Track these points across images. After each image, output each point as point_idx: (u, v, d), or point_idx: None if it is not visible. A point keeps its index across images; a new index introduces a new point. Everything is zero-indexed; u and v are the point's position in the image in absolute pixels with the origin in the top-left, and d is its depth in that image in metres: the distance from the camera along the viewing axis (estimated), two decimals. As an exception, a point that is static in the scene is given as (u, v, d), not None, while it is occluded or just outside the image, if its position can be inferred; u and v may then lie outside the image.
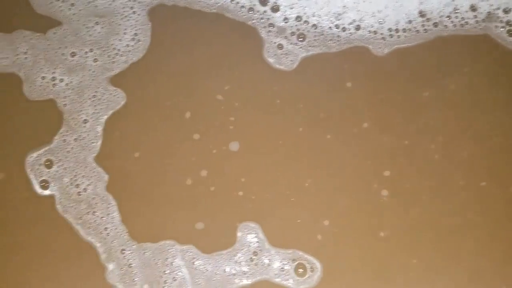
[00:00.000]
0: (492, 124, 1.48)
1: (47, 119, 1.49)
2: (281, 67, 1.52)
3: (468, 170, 1.46)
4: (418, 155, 1.47)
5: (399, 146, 1.47)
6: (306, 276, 1.41)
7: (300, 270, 1.40)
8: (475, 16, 1.54)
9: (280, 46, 1.53)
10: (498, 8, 1.54)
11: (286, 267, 1.40)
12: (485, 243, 1.42)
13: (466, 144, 1.47)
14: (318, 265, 1.41)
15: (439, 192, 1.45)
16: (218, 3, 1.55)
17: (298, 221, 1.44)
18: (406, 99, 1.50)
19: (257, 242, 1.42)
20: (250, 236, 1.44)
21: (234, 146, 1.49)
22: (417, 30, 1.53)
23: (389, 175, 1.46)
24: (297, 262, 1.40)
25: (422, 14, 1.53)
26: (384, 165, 1.47)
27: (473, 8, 1.53)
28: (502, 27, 1.53)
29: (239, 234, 1.44)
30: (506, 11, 1.54)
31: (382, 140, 1.47)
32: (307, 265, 1.40)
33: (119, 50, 1.52)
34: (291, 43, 1.53)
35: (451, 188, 1.45)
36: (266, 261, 1.41)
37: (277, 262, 1.41)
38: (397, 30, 1.53)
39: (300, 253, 1.42)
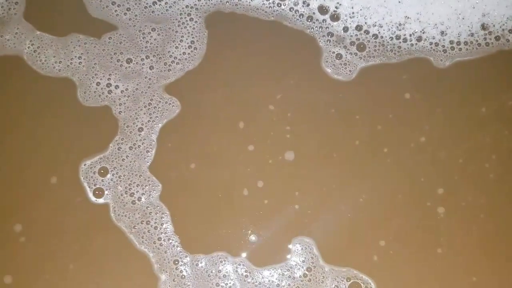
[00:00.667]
0: None
1: (102, 126, 1.48)
2: (339, 77, 1.50)
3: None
4: (472, 174, 1.45)
5: (453, 164, 1.45)
6: (361, 296, 1.36)
7: (355, 288, 1.35)
8: (538, 31, 1.48)
9: (339, 56, 1.50)
10: None
11: (340, 285, 1.38)
12: None
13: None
14: (373, 285, 1.39)
15: (497, 210, 1.42)
16: (277, 11, 1.52)
17: (354, 237, 1.42)
18: (464, 114, 1.48)
19: (311, 257, 1.40)
20: (304, 251, 1.41)
21: (289, 155, 1.45)
22: (479, 43, 1.50)
23: (442, 193, 1.43)
24: (352, 281, 1.38)
25: (484, 27, 1.50)
26: (438, 182, 1.44)
27: (536, 22, 1.49)
28: None
29: (293, 248, 1.42)
30: None
31: (438, 156, 1.46)
32: (362, 284, 1.38)
33: (175, 57, 1.51)
34: (350, 53, 1.51)
35: (508, 206, 1.42)
36: (320, 277, 1.39)
37: (331, 279, 1.39)
38: (458, 43, 1.50)
39: (355, 271, 1.40)
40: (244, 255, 1.43)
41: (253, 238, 1.43)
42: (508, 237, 1.41)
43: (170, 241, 1.42)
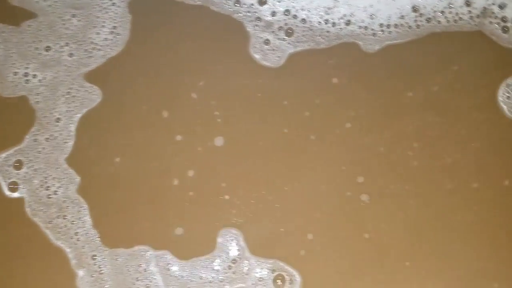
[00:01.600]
0: (471, 128, 1.42)
1: (18, 117, 1.43)
2: (268, 63, 1.45)
3: (454, 174, 1.39)
4: (395, 162, 1.41)
5: (375, 152, 1.41)
6: (284, 288, 1.32)
7: (279, 281, 1.34)
8: (470, 12, 1.46)
9: (267, 42, 1.46)
10: (493, 4, 1.46)
11: (265, 277, 1.34)
12: (478, 242, 1.36)
13: (446, 150, 1.41)
14: (298, 277, 1.34)
15: (425, 196, 1.38)
16: (203, -5, 1.47)
17: (282, 230, 1.38)
18: (389, 100, 1.43)
19: (238, 249, 1.36)
20: (231, 243, 1.37)
21: (219, 141, 1.43)
22: (410, 26, 1.46)
23: (362, 182, 1.40)
24: (277, 273, 1.34)
25: (415, 9, 1.46)
26: (358, 171, 1.41)
27: (467, 3, 1.47)
28: (497, 23, 1.45)
29: (219, 240, 1.38)
30: (501, 6, 1.46)
31: (360, 144, 1.42)
32: (286, 276, 1.35)
33: (96, 44, 1.46)
34: (278, 39, 1.46)
35: (438, 192, 1.38)
36: (245, 269, 1.35)
37: (255, 271, 1.35)
38: (388, 26, 1.45)
39: (281, 263, 1.36)
40: (167, 248, 1.38)
41: (178, 230, 1.38)
42: (435, 221, 1.37)
43: (88, 235, 1.37)
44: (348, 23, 1.46)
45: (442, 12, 1.46)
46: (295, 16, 1.47)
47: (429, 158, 1.39)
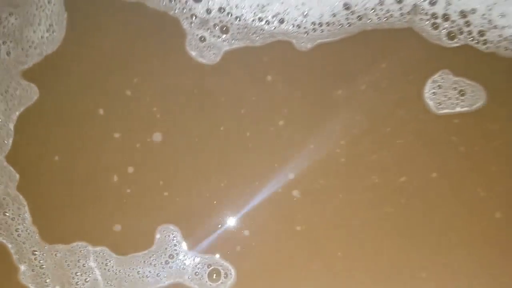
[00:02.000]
0: (397, 124, 1.45)
1: (-44, 117, 1.41)
2: (204, 60, 1.48)
3: (381, 169, 1.43)
4: (324, 158, 1.44)
5: (305, 149, 1.45)
6: (219, 282, 1.39)
7: (214, 275, 1.39)
8: (400, 9, 1.48)
9: (202, 39, 1.48)
10: (424, 0, 1.48)
11: (200, 272, 1.38)
12: (406, 234, 1.41)
13: (372, 147, 1.44)
14: (232, 271, 1.40)
15: (353, 190, 1.42)
16: (138, -8, 1.49)
17: (219, 226, 1.42)
18: (320, 97, 1.46)
19: (175, 245, 1.40)
20: (168, 238, 1.41)
21: (157, 137, 1.46)
22: (341, 24, 1.48)
23: (293, 179, 1.44)
24: (212, 267, 1.38)
25: (346, 6, 1.48)
26: (290, 168, 1.44)
27: (398, 0, 1.48)
28: (427, 20, 1.47)
29: (157, 236, 1.42)
30: (432, 3, 1.48)
31: (292, 141, 1.45)
32: (221, 271, 1.39)
33: (33, 42, 1.46)
34: (213, 36, 1.49)
35: (366, 186, 1.43)
36: (181, 264, 1.39)
37: (192, 266, 1.39)
38: (320, 24, 1.48)
39: (217, 259, 1.40)
40: (105, 244, 1.42)
41: (117, 227, 1.42)
42: (364, 213, 1.42)
43: (28, 231, 1.40)
44: (281, 21, 1.48)
45: (373, 9, 1.48)
46: (229, 14, 1.49)
47: (355, 155, 1.43)
